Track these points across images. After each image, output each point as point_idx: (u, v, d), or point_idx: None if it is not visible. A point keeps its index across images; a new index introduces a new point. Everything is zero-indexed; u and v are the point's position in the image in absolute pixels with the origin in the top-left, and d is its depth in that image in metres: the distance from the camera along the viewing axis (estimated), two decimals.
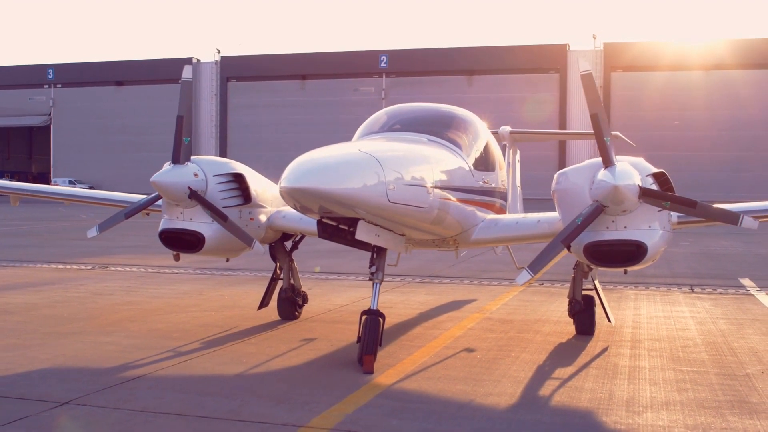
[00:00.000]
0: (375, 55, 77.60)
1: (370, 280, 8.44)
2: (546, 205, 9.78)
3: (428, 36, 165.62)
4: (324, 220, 7.74)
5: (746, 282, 15.64)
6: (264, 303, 11.05)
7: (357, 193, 6.99)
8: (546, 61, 71.88)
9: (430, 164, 8.19)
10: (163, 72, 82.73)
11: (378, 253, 8.36)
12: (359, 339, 8.13)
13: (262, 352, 8.82)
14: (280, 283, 11.13)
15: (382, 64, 77.32)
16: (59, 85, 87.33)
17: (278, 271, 11.09)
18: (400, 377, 7.73)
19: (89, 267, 17.90)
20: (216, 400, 6.83)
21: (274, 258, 11.02)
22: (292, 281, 10.96)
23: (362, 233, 7.62)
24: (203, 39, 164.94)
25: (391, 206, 7.37)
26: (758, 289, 14.66)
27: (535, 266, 7.98)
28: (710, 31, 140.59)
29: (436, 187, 8.12)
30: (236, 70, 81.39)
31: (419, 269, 17.27)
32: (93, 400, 6.77)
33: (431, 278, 16.09)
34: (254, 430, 5.99)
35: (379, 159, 7.22)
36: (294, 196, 7.01)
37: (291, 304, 10.95)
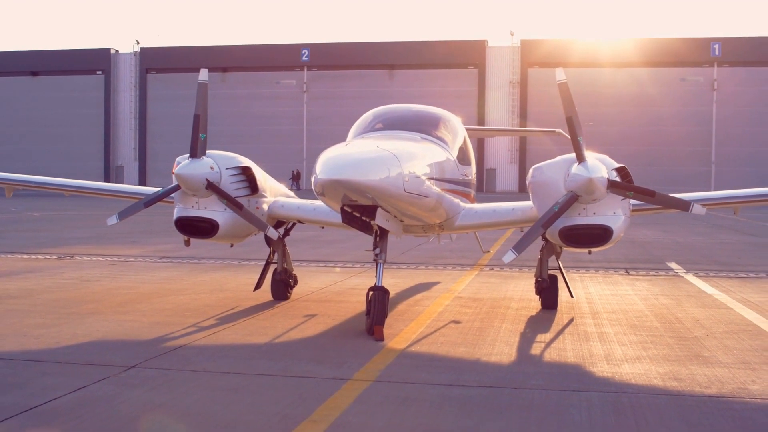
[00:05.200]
0: (296, 48, 78.26)
1: (374, 260, 9.65)
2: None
3: (350, 30, 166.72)
4: (345, 207, 8.88)
5: (673, 265, 17.41)
6: (259, 285, 12.10)
7: (380, 183, 8.19)
8: (465, 56, 73.87)
9: (429, 159, 9.45)
10: (80, 62, 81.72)
11: (381, 236, 9.56)
12: (368, 312, 9.33)
13: (276, 326, 9.93)
14: (272, 267, 12.20)
15: (304, 58, 77.99)
16: None
17: (272, 256, 12.15)
18: (409, 343, 8.97)
19: (55, 257, 18.48)
20: (263, 362, 7.96)
21: (268, 243, 12.06)
22: (285, 265, 12.06)
23: (378, 219, 8.82)
24: (122, 30, 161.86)
25: (405, 195, 8.60)
26: (685, 271, 16.41)
27: (519, 247, 9.33)
28: (620, 30, 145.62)
29: (434, 179, 9.40)
30: (156, 62, 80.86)
31: (368, 257, 18.44)
32: (155, 364, 7.80)
33: (389, 264, 17.28)
34: (310, 383, 7.14)
35: (396, 155, 8.44)
36: (329, 187, 8.15)
37: (284, 285, 12.05)
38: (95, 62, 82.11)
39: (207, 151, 10.40)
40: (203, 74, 10.41)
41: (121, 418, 6.07)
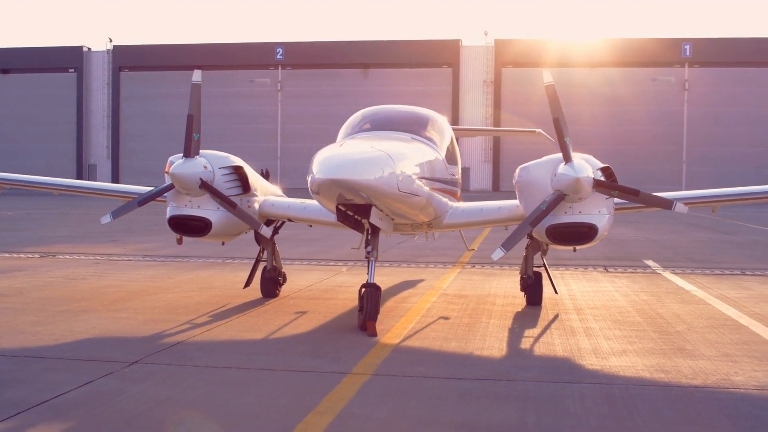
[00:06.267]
0: (271, 47, 78.05)
1: (366, 258, 9.86)
2: None
3: (324, 29, 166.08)
4: (339, 207, 9.07)
5: (651, 263, 17.80)
6: (249, 282, 12.27)
7: (375, 183, 8.42)
8: (440, 56, 74.12)
9: (420, 159, 9.69)
10: (52, 60, 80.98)
11: (373, 234, 9.78)
12: (361, 308, 9.54)
13: (269, 323, 10.12)
14: (261, 265, 12.37)
15: (278, 56, 77.79)
16: None
17: (261, 254, 12.33)
18: (401, 339, 9.20)
19: (37, 256, 18.47)
20: (262, 357, 8.16)
21: (258, 241, 12.23)
22: (274, 263, 12.24)
23: (372, 217, 9.04)
24: (94, 27, 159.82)
25: (399, 194, 8.84)
26: (662, 268, 16.80)
27: (507, 244, 9.58)
28: (592, 31, 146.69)
29: (425, 178, 9.64)
30: (129, 60, 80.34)
31: (351, 255, 18.66)
32: (157, 360, 7.97)
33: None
34: (311, 377, 7.36)
35: (390, 155, 8.68)
36: (325, 186, 8.37)
37: (273, 283, 12.22)
38: (67, 60, 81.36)
39: (200, 151, 10.54)
40: (197, 75, 10.58)
41: (131, 412, 6.24)
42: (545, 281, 11.94)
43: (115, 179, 76.56)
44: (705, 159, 65.88)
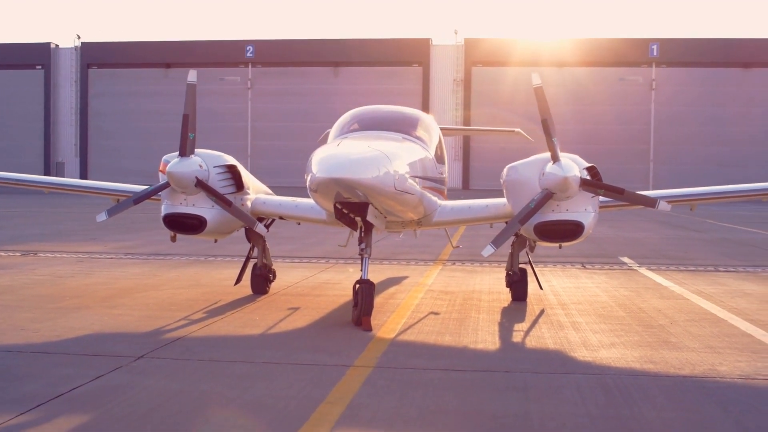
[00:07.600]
0: (241, 45, 77.89)
1: (360, 255, 10.12)
2: None
3: (295, 27, 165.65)
4: (337, 205, 9.30)
5: (626, 260, 18.24)
6: (239, 279, 12.46)
7: (373, 181, 8.68)
8: (410, 54, 74.47)
9: (413, 158, 9.96)
10: (19, 57, 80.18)
11: (366, 231, 10.03)
12: (356, 303, 9.79)
13: (266, 318, 10.34)
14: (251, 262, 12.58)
15: (248, 54, 77.66)
16: None
17: (252, 251, 12.52)
18: (396, 333, 9.47)
19: (18, 254, 18.44)
20: (264, 351, 8.39)
21: (249, 239, 12.42)
22: (264, 260, 12.44)
23: (369, 215, 9.30)
24: (62, 24, 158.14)
25: (395, 193, 9.11)
26: (638, 265, 17.23)
27: (497, 241, 9.91)
28: (560, 30, 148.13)
29: (417, 177, 9.92)
30: (98, 57, 79.74)
31: (333, 252, 18.91)
32: (162, 354, 8.17)
33: (353, 260, 17.77)
34: (315, 370, 7.60)
35: (387, 155, 8.94)
36: (324, 185, 8.61)
37: (263, 280, 12.43)
38: (35, 57, 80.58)
39: (196, 150, 10.72)
40: (192, 75, 10.77)
41: (146, 404, 6.44)
42: (530, 277, 12.27)
43: (83, 177, 75.89)
44: (671, 158, 66.93)
